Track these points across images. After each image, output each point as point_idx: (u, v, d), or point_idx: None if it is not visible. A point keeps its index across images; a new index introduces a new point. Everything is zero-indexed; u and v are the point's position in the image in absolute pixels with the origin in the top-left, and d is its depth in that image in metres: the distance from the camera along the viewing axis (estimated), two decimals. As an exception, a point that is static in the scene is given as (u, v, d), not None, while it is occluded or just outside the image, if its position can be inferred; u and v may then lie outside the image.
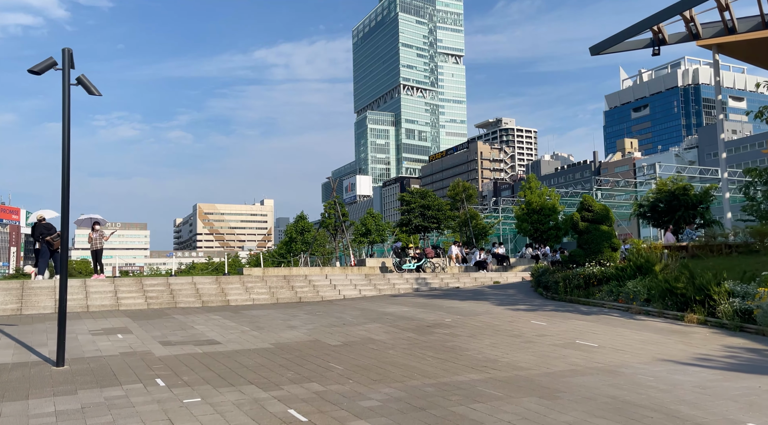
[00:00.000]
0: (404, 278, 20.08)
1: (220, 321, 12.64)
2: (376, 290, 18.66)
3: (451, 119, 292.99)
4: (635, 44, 27.71)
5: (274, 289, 17.74)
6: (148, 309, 14.89)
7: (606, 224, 16.12)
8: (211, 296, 16.54)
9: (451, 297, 16.93)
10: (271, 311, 14.67)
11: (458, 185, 35.56)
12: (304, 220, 47.26)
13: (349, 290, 18.39)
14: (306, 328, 11.57)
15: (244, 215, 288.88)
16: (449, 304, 15.22)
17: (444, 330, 11.21)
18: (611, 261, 15.76)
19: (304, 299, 17.35)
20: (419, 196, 32.03)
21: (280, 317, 13.22)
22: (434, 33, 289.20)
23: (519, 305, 14.71)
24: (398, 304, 15.56)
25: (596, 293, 14.46)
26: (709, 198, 33.15)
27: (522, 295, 16.78)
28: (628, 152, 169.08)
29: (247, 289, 17.44)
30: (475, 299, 16.11)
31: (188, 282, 17.20)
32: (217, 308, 15.39)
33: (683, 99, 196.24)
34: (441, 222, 31.75)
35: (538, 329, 11.18)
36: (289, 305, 16.03)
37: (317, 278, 19.01)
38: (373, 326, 11.77)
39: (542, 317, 12.60)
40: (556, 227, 36.10)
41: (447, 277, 20.87)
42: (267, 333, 11.04)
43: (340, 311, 14.39)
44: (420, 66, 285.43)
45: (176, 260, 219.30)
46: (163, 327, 11.80)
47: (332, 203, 33.57)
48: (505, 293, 17.42)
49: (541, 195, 36.23)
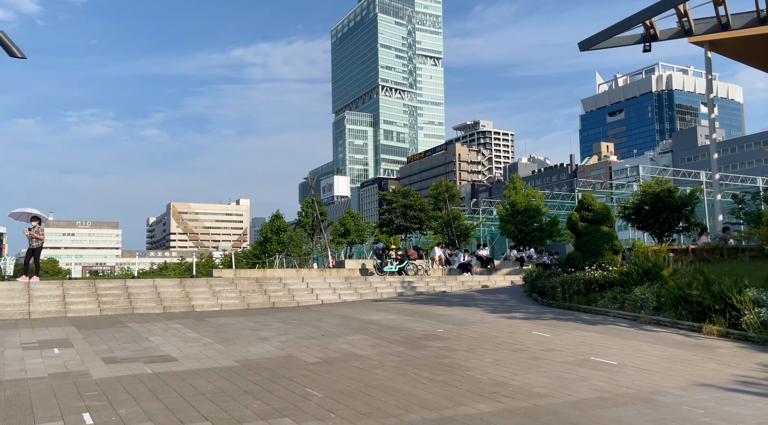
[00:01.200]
0: (387, 282, 18.67)
1: (180, 331, 11.08)
2: (357, 295, 17.22)
3: (429, 120, 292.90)
4: (625, 40, 26.76)
5: (244, 293, 16.19)
6: (100, 316, 13.24)
7: (607, 224, 14.91)
8: (174, 301, 14.92)
9: (439, 303, 15.57)
10: (241, 318, 13.14)
11: (441, 185, 34.29)
12: (280, 219, 45.39)
13: (327, 294, 16.92)
14: (279, 340, 10.09)
15: (219, 214, 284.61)
16: (438, 311, 13.85)
17: (437, 342, 9.83)
18: (612, 265, 14.56)
19: (278, 304, 15.83)
20: (401, 195, 30.64)
21: (249, 327, 11.71)
22: (413, 35, 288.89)
23: (514, 312, 13.40)
24: (382, 311, 14.15)
25: (598, 299, 13.22)
26: (694, 201, 32.45)
27: (515, 301, 15.49)
28: (604, 155, 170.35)
29: (214, 293, 15.86)
30: (466, 306, 14.77)
31: (149, 285, 15.55)
32: (179, 314, 13.80)
33: (657, 104, 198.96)
34: (423, 223, 30.41)
35: (542, 342, 9.87)
36: (261, 312, 14.50)
37: (293, 281, 17.50)
38: (356, 337, 10.34)
39: (544, 327, 11.31)
40: (540, 229, 35.07)
41: (432, 280, 19.51)
42: (233, 346, 9.54)
43: (317, 318, 12.93)
44: (398, 67, 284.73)
45: (149, 260, 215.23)
46: (112, 338, 10.20)
47: (310, 202, 31.97)
48: (496, 298, 16.12)
49: (526, 196, 35.19)
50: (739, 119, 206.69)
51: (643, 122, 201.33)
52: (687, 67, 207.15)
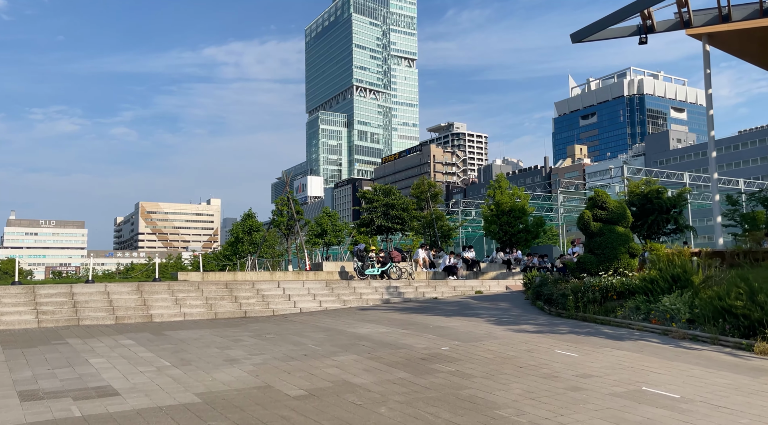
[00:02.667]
0: (372, 287, 16.86)
1: (130, 350, 9.11)
2: (340, 302, 15.37)
3: (404, 122, 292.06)
4: (620, 32, 25.44)
5: (212, 300, 14.21)
6: (36, 329, 11.15)
7: (622, 224, 13.34)
8: (129, 310, 12.88)
9: (434, 312, 13.83)
10: (207, 331, 11.19)
11: (423, 183, 32.60)
12: (253, 218, 42.96)
13: (306, 301, 15.03)
14: (252, 362, 8.20)
15: (190, 214, 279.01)
16: (436, 322, 12.10)
17: (446, 365, 8.06)
18: (629, 269, 13.00)
19: (251, 313, 13.89)
20: (382, 193, 28.81)
21: (216, 343, 9.79)
22: (388, 35, 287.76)
23: (523, 324, 11.73)
24: (371, 322, 12.34)
25: (617, 309, 11.62)
26: (682, 202, 31.40)
27: (519, 310, 13.84)
28: (578, 158, 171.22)
29: (177, 300, 13.84)
30: (465, 315, 13.06)
31: (99, 291, 13.46)
32: (133, 327, 11.78)
33: (629, 108, 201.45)
34: (406, 223, 28.66)
35: (571, 363, 8.18)
36: (230, 323, 12.56)
37: (267, 286, 15.55)
38: (347, 358, 8.51)
39: (564, 343, 9.64)
40: (525, 230, 33.64)
41: (421, 285, 17.77)
42: (195, 371, 7.62)
43: (298, 332, 11.05)
44: (373, 68, 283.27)
45: (116, 260, 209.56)
46: (42, 360, 8.19)
47: (285, 200, 29.90)
48: (496, 307, 14.44)
49: (512, 195, 33.74)
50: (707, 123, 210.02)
51: (615, 125, 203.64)
52: (657, 73, 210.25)
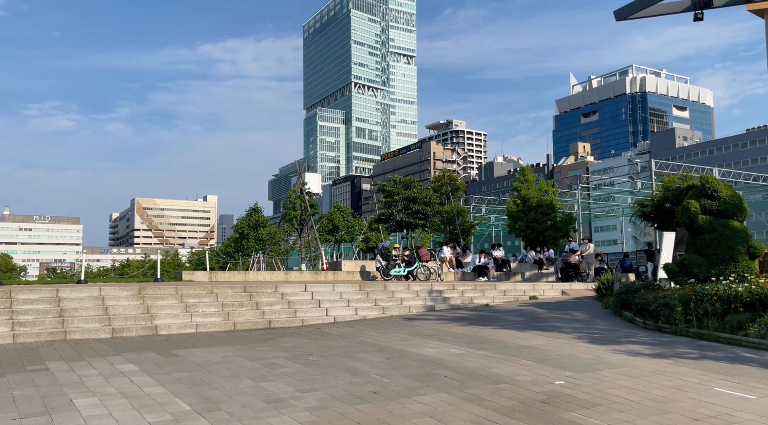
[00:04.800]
0: (413, 291, 14.41)
1: (132, 383, 6.64)
2: (379, 309, 12.94)
3: (402, 119, 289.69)
4: (671, 7, 22.92)
5: (229, 307, 11.75)
6: (10, 346, 8.67)
7: (738, 218, 10.96)
8: (129, 319, 10.42)
9: (498, 323, 11.42)
10: (228, 350, 8.74)
11: (444, 176, 30.18)
12: (259, 213, 40.31)
13: (340, 308, 12.59)
14: (306, 406, 5.73)
15: (186, 211, 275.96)
16: (513, 339, 9.68)
17: (583, 413, 5.61)
18: (749, 273, 10.62)
19: (276, 323, 11.45)
20: (403, 186, 26.36)
21: (246, 371, 7.33)
22: (386, 32, 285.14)
23: (626, 343, 9.31)
24: (431, 337, 9.91)
25: (747, 325, 9.20)
26: (722, 199, 29.07)
27: (603, 322, 11.43)
28: (581, 156, 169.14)
29: (186, 307, 11.38)
30: (542, 330, 10.65)
31: (92, 296, 10.98)
32: (134, 342, 9.32)
33: (631, 106, 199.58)
34: (428, 218, 26.24)
35: (756, 411, 5.76)
36: (254, 337, 10.11)
37: (292, 290, 13.09)
38: (435, 399, 6.06)
39: (713, 375, 7.21)
40: (554, 227, 31.28)
41: (467, 289, 15.32)
42: (228, 422, 5.17)
43: (346, 352, 8.62)
44: (372, 65, 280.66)
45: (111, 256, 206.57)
46: (7, 403, 5.72)
47: (298, 192, 27.36)
48: (572, 317, 12.03)
49: (539, 190, 31.38)
50: (709, 122, 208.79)
51: (616, 123, 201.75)
52: (660, 70, 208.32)
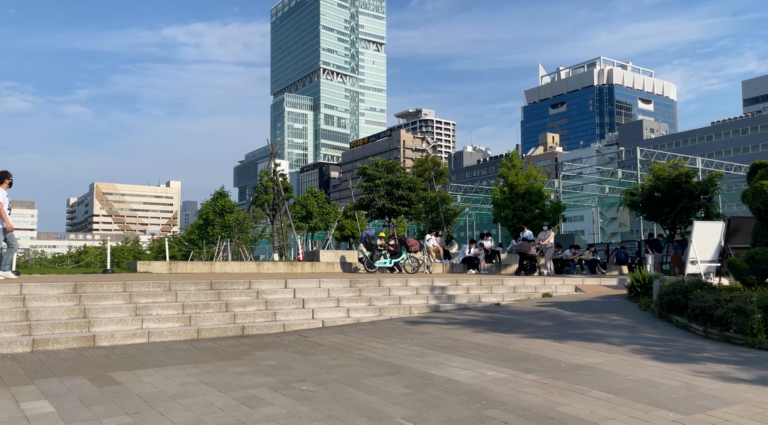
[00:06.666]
0: (411, 287, 12.25)
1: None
2: (375, 310, 10.74)
3: (371, 107, 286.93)
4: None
5: (190, 308, 9.39)
6: None
7: (819, 203, 9.13)
8: (58, 326, 7.98)
9: (527, 330, 9.35)
10: (191, 376, 6.42)
11: (426, 160, 28.04)
12: (225, 198, 37.39)
13: (328, 309, 10.34)
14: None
15: (148, 196, 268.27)
16: (558, 354, 7.61)
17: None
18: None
19: (251, 329, 9.13)
20: (385, 169, 24.09)
21: (215, 413, 5.05)
22: (356, 18, 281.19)
23: (704, 361, 7.35)
24: (451, 351, 7.77)
25: None
26: (713, 188, 27.83)
27: (652, 329, 9.46)
28: (549, 146, 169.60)
29: (137, 309, 8.97)
30: (586, 339, 8.63)
31: (10, 295, 8.47)
32: (61, 360, 6.90)
33: (598, 98, 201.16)
34: (413, 204, 24.04)
35: None
36: (224, 350, 7.80)
37: (268, 286, 10.77)
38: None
39: None
40: (542, 216, 29.48)
41: (471, 285, 13.23)
42: None
43: (349, 377, 6.39)
44: (341, 51, 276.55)
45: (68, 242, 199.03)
46: None
47: (270, 174, 24.71)
48: (609, 322, 10.05)
49: (527, 177, 29.51)
50: (673, 115, 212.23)
51: (584, 115, 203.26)
52: (626, 63, 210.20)
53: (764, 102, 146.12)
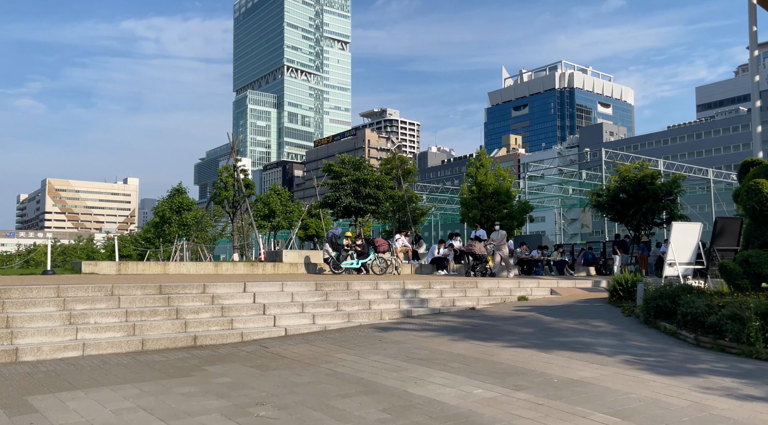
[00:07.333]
0: (382, 291, 11.40)
1: None
2: (342, 316, 9.86)
3: (336, 106, 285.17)
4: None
5: (135, 315, 8.34)
6: None
7: (817, 203, 8.63)
8: (-26, 339, 6.86)
9: (509, 338, 8.63)
10: (128, 399, 5.42)
11: (394, 158, 27.25)
12: (183, 194, 35.70)
13: (292, 315, 9.41)
14: None
15: (104, 193, 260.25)
16: (547, 367, 6.88)
17: None
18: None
19: (205, 339, 8.14)
20: (352, 166, 23.15)
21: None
22: (321, 16, 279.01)
23: (703, 374, 6.73)
24: (429, 363, 6.96)
25: None
26: (677, 189, 27.94)
27: (640, 336, 8.85)
28: (512, 147, 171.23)
29: (71, 317, 7.88)
30: (572, 348, 7.95)
31: None
32: (-27, 380, 5.82)
33: (559, 101, 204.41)
34: (380, 203, 23.16)
35: None
36: (172, 364, 6.81)
37: (225, 290, 9.77)
38: None
39: None
40: (510, 216, 29.07)
41: (444, 287, 12.45)
42: None
43: (317, 398, 5.50)
44: (305, 48, 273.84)
45: (17, 240, 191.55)
46: None
47: (230, 169, 23.41)
48: (594, 328, 9.41)
49: (496, 176, 29.04)
50: (630, 119, 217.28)
51: (546, 117, 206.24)
52: (587, 68, 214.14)
53: (717, 108, 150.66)
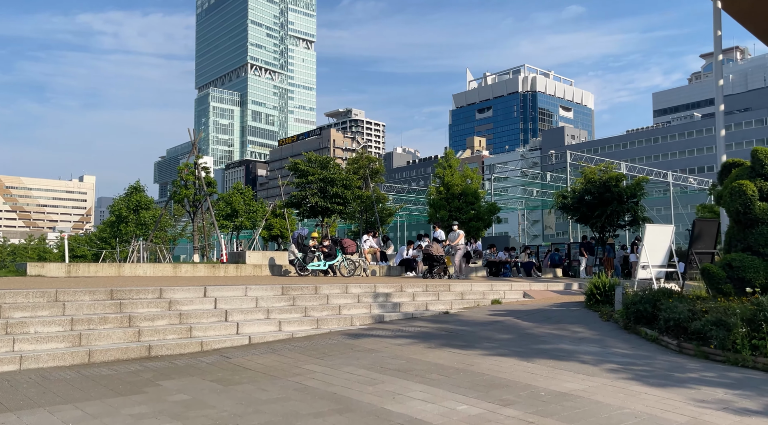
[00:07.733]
0: (352, 295, 10.85)
1: None
2: (311, 322, 9.28)
3: (300, 105, 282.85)
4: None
5: (82, 323, 7.59)
6: None
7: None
8: None
9: (487, 346, 8.20)
10: (68, 422, 4.76)
11: (362, 158, 26.72)
12: (141, 193, 34.32)
13: (256, 322, 8.79)
14: None
15: (58, 191, 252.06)
16: (532, 378, 6.47)
17: None
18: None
19: (160, 349, 7.46)
20: (319, 165, 22.50)
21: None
22: (285, 14, 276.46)
23: (694, 384, 6.42)
24: (406, 375, 6.46)
25: None
26: (640, 192, 28.31)
27: (621, 343, 8.54)
28: (476, 149, 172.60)
29: (8, 326, 7.10)
30: (553, 356, 7.57)
31: None
32: None
33: (522, 104, 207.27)
34: (347, 203, 22.61)
35: None
36: (121, 380, 6.13)
37: (184, 295, 9.08)
38: None
39: None
40: (477, 218, 28.91)
41: (416, 291, 11.99)
42: None
43: (284, 419, 4.91)
44: (269, 47, 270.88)
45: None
46: None
47: (191, 166, 22.46)
48: (574, 334, 9.08)
49: (464, 177, 28.83)
50: (590, 123, 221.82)
51: (509, 120, 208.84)
52: (549, 72, 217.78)
53: (672, 113, 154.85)
